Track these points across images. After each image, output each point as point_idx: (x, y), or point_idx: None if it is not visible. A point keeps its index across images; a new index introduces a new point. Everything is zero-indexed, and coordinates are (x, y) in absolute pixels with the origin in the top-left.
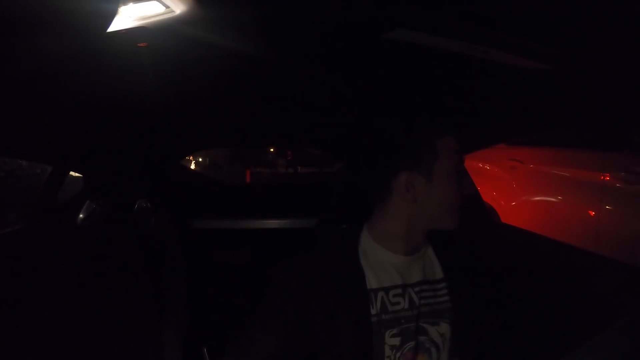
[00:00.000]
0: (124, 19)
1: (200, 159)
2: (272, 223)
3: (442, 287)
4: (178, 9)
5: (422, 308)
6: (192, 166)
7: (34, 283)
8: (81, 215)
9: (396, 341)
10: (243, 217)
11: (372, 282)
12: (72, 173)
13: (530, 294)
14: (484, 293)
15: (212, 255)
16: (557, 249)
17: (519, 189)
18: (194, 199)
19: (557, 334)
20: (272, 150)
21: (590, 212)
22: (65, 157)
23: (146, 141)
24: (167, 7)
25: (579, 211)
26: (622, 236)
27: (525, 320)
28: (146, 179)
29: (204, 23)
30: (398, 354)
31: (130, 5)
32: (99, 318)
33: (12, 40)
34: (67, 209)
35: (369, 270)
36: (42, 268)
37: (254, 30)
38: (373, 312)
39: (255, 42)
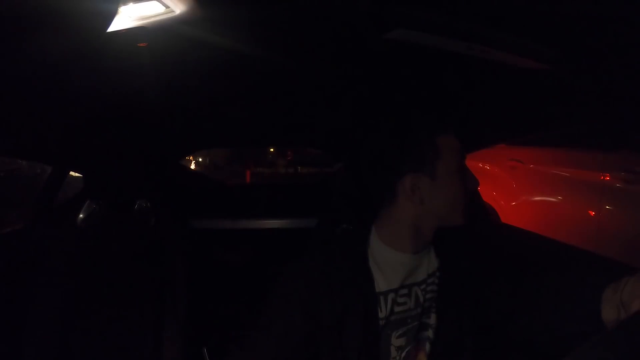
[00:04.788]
0: (124, 19)
1: (200, 159)
2: (272, 223)
3: (436, 277)
4: (178, 9)
5: (426, 304)
6: (192, 166)
7: (34, 283)
8: (81, 215)
9: (402, 341)
10: (243, 217)
11: (381, 285)
12: (72, 173)
13: (529, 294)
14: (478, 290)
15: (212, 255)
16: (557, 249)
17: (519, 189)
18: (194, 199)
19: (555, 333)
20: (272, 150)
21: (590, 212)
22: (65, 157)
23: (146, 141)
24: (167, 7)
25: (579, 211)
26: (622, 236)
27: (523, 320)
28: (146, 179)
29: (204, 23)
30: (403, 354)
31: (130, 5)
32: (99, 318)
33: (13, 40)
34: (67, 209)
35: (378, 272)
36: (42, 268)
37: (254, 30)
38: (381, 315)
39: (255, 42)
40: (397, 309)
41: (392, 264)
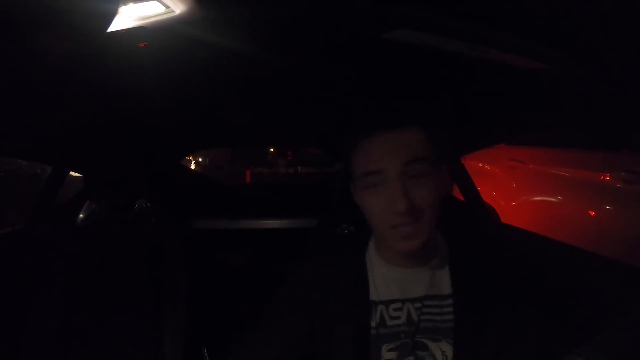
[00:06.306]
0: (124, 19)
1: (200, 159)
2: (272, 223)
3: (448, 305)
4: (178, 9)
5: (422, 324)
6: (192, 166)
7: (34, 283)
8: (81, 215)
9: (393, 356)
10: (243, 217)
11: (373, 294)
12: (72, 173)
13: (530, 295)
14: (490, 305)
15: (212, 255)
16: (557, 249)
17: (519, 189)
18: (194, 199)
19: (556, 334)
20: (272, 150)
21: (590, 212)
22: (65, 157)
23: (146, 141)
24: (167, 7)
25: (579, 211)
26: (622, 236)
27: (526, 323)
28: (146, 179)
29: (204, 23)
30: None
31: (130, 5)
32: (99, 318)
33: (13, 40)
34: (67, 209)
35: (372, 280)
36: (42, 268)
37: (254, 30)
38: (372, 324)
39: (255, 42)
40: (389, 322)
41: (383, 275)
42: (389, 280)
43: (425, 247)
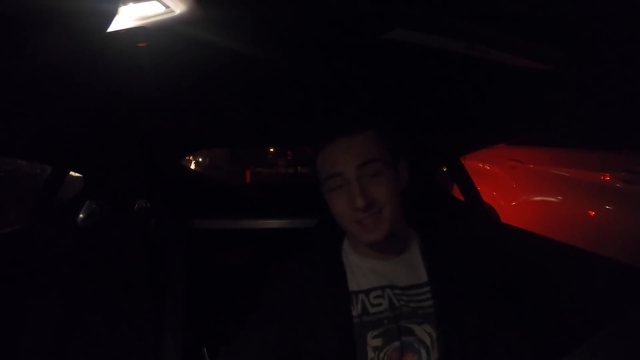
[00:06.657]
0: (124, 19)
1: (200, 159)
2: (272, 223)
3: (426, 292)
4: (178, 9)
5: (404, 309)
6: (192, 166)
7: (34, 283)
8: (81, 215)
9: (378, 342)
10: (243, 217)
11: (352, 285)
12: (72, 173)
13: (529, 295)
14: (478, 296)
15: (212, 255)
16: (557, 249)
17: (519, 189)
18: (194, 199)
19: (556, 334)
20: (272, 150)
21: (590, 212)
22: (65, 157)
23: (146, 141)
24: (167, 7)
25: (579, 211)
26: (622, 236)
27: (524, 321)
28: (146, 179)
29: (204, 23)
30: (382, 355)
31: (130, 5)
32: (99, 318)
33: (13, 40)
34: (67, 209)
35: (350, 272)
36: (42, 268)
37: (254, 30)
38: (354, 313)
39: (255, 42)
40: (371, 309)
41: (359, 266)
42: (367, 271)
43: (391, 238)
